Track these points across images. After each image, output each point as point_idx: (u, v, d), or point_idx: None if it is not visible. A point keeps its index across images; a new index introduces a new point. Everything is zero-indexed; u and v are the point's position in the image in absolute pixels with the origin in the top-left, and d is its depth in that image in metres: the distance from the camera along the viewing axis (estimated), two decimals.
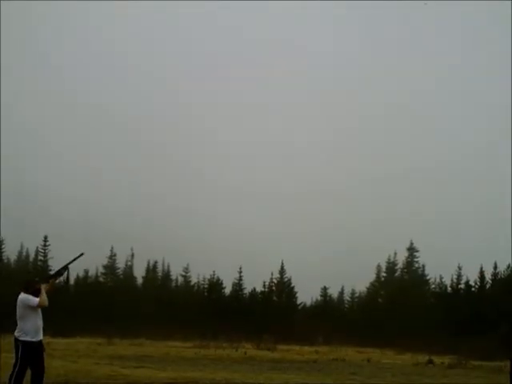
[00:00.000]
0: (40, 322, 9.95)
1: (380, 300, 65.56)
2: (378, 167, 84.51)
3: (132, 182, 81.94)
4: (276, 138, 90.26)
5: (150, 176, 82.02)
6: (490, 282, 58.89)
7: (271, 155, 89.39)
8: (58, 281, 10.56)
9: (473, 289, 59.56)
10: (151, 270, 68.09)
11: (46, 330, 10.30)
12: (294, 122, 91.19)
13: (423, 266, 64.64)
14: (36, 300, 9.78)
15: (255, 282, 65.59)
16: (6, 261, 63.95)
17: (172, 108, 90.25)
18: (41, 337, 9.97)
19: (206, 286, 67.65)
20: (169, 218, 77.03)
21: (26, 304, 9.79)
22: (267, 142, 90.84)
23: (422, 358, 34.22)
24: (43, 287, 9.94)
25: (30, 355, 9.77)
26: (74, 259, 10.48)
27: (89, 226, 70.50)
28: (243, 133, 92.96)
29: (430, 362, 32.43)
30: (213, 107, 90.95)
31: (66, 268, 10.54)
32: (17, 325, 9.94)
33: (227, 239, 73.81)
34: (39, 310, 9.94)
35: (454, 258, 60.81)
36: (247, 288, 65.94)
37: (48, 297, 9.94)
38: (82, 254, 10.42)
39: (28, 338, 9.76)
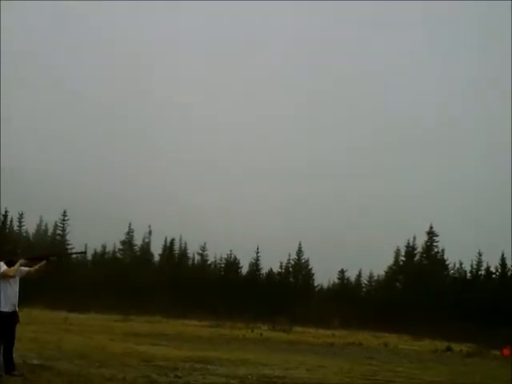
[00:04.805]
0: (12, 293, 9.74)
1: (398, 284, 64.91)
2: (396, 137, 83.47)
3: (152, 162, 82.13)
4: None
5: (169, 157, 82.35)
6: (511, 269, 58.01)
7: (291, 130, 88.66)
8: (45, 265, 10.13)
9: (493, 276, 58.71)
10: (168, 248, 68.10)
11: (62, 305, 10.09)
12: (294, 116, 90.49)
13: (443, 251, 63.62)
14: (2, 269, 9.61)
15: (272, 262, 65.51)
16: (25, 234, 64.27)
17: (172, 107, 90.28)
18: (14, 308, 9.75)
19: (222, 265, 67.62)
20: (187, 196, 77.09)
21: None
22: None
23: (441, 344, 33.81)
24: (20, 262, 9.78)
25: (2, 325, 9.56)
26: (72, 253, 10.54)
27: (106, 201, 70.77)
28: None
29: (449, 349, 32.00)
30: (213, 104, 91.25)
31: (57, 255, 10.61)
32: None
33: (245, 219, 73.80)
34: (13, 281, 9.73)
35: (475, 244, 60.08)
36: (264, 268, 65.87)
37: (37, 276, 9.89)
38: (83, 252, 10.57)
39: None
